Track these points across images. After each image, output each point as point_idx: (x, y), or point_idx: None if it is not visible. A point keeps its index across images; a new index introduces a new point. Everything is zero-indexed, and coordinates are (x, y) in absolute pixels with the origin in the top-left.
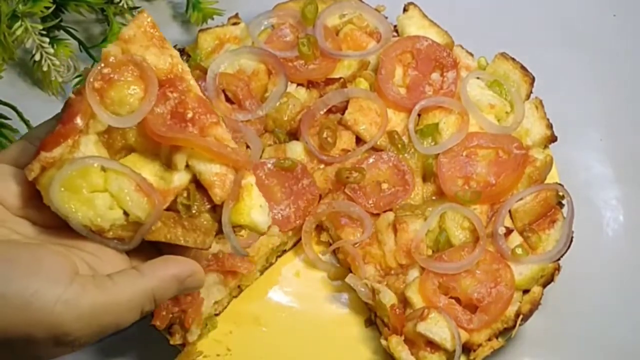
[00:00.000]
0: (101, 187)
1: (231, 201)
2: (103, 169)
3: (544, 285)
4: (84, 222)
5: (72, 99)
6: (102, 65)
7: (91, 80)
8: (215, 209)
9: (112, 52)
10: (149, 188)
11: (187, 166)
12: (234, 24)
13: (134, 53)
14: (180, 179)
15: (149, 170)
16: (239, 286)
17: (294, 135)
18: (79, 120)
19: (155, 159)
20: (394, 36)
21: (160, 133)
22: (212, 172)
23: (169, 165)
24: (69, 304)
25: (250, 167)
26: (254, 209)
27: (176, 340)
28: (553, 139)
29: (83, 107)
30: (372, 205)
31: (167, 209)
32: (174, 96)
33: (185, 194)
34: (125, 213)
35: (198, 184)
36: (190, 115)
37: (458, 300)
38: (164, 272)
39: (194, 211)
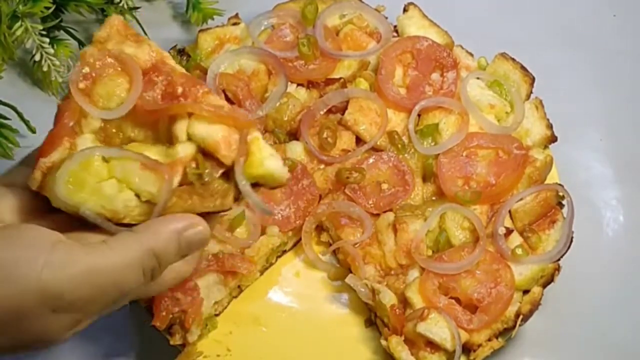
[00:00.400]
0: (106, 176)
1: (241, 157)
2: (105, 160)
3: (544, 286)
4: (97, 210)
5: (59, 105)
6: (82, 65)
7: (74, 80)
8: (229, 175)
9: (89, 52)
10: (154, 163)
11: (190, 140)
12: (234, 24)
13: (111, 49)
14: (185, 149)
15: (152, 153)
16: (239, 286)
17: (294, 135)
18: (67, 119)
19: (156, 143)
20: (394, 36)
21: (154, 107)
22: (216, 135)
23: (171, 144)
24: (55, 267)
25: (252, 124)
26: (266, 158)
27: (176, 340)
28: (553, 139)
29: (71, 106)
30: (372, 205)
31: (180, 185)
32: (161, 79)
33: (193, 165)
34: (138, 196)
35: (205, 154)
36: (180, 90)
37: (458, 300)
38: (160, 227)
39: (206, 179)
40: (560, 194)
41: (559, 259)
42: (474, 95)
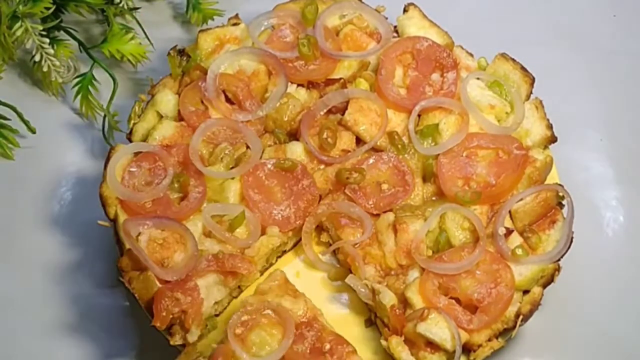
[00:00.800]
0: None
1: None
2: None
3: (544, 286)
4: None
5: (216, 347)
6: (241, 313)
7: (232, 325)
8: None
9: (250, 301)
10: None
11: None
12: (234, 24)
13: (270, 301)
14: None
15: None
16: (239, 286)
17: (294, 135)
18: None
19: None
20: (394, 37)
21: (299, 359)
22: None
23: None
24: None
25: None
26: None
27: (176, 340)
28: (553, 139)
29: (224, 350)
30: (372, 205)
31: None
32: (311, 334)
33: None
34: None
35: None
36: (327, 347)
37: (458, 300)
38: None
39: None
40: (560, 194)
41: (559, 259)
42: (474, 96)
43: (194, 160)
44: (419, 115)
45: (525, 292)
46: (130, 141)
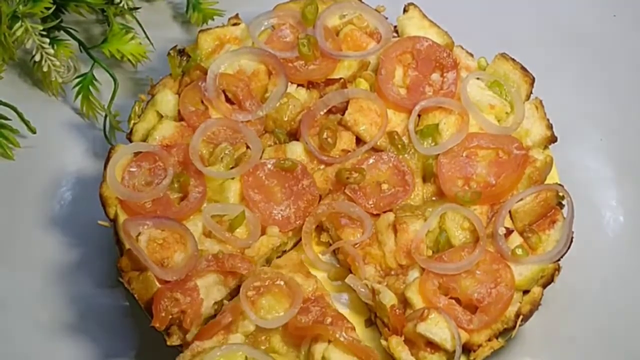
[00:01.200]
0: None
1: None
2: (247, 358)
3: (544, 286)
4: None
5: (226, 304)
6: (255, 278)
7: (245, 288)
8: None
9: (265, 269)
10: None
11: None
12: (234, 24)
13: (284, 274)
14: None
15: None
16: (239, 286)
17: (294, 135)
18: (227, 314)
19: None
20: (394, 37)
21: (303, 325)
22: None
23: None
24: None
25: None
26: None
27: (173, 341)
28: (553, 139)
29: (235, 305)
30: (372, 205)
31: None
32: (316, 309)
33: None
34: None
35: None
36: (329, 320)
37: (458, 300)
38: None
39: None
40: (560, 194)
41: (559, 259)
42: (474, 96)
43: (194, 160)
44: (419, 115)
45: (525, 292)
46: (130, 141)
